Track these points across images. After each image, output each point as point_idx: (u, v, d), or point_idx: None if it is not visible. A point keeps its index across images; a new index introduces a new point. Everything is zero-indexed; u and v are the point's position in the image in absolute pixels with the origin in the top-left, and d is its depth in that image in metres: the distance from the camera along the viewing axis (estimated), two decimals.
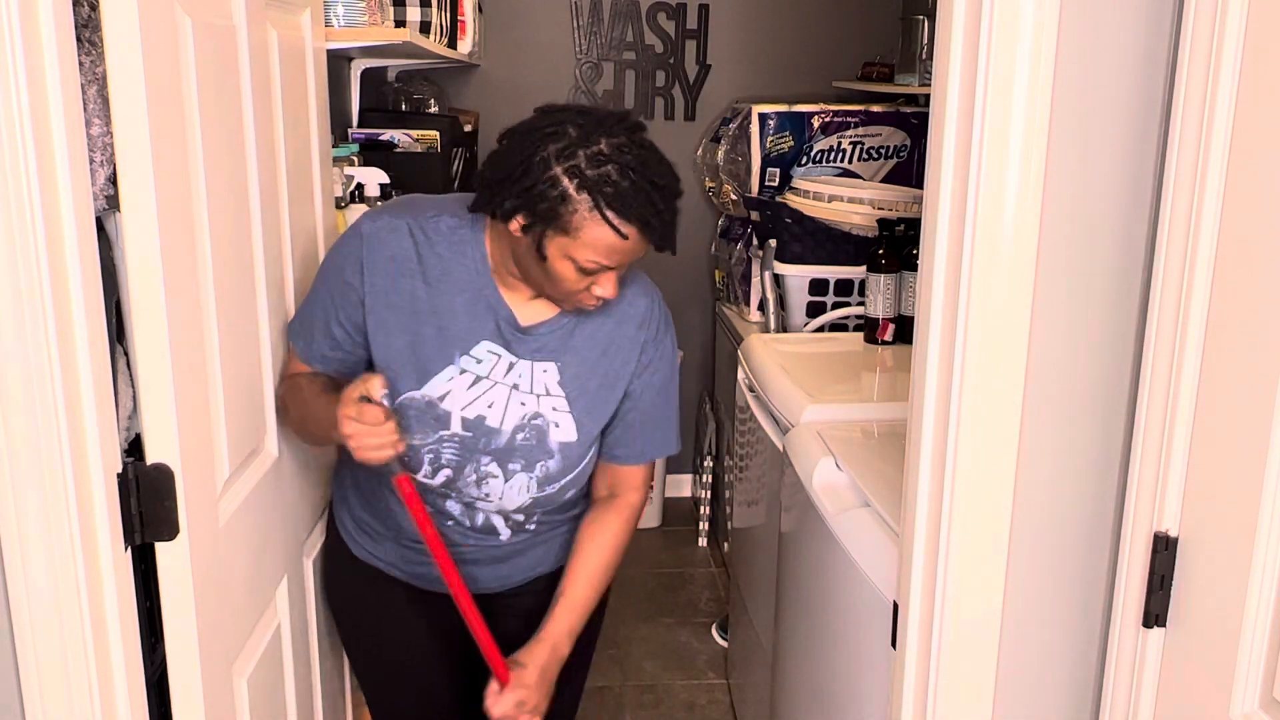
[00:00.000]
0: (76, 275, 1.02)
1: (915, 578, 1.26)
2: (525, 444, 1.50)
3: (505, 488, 1.52)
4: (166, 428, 1.14)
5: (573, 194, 1.31)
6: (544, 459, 1.52)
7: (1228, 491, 0.99)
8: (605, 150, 1.31)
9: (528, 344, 1.49)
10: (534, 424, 1.50)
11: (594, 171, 1.30)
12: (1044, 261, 1.13)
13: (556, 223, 1.32)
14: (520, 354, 1.49)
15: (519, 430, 1.50)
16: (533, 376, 1.50)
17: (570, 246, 1.34)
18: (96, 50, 1.09)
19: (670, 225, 1.36)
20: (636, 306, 1.54)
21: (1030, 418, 1.17)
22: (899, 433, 1.60)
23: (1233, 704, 0.99)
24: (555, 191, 1.31)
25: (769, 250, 2.92)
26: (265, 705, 1.46)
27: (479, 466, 1.50)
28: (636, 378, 1.55)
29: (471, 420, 1.48)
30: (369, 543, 1.64)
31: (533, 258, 1.37)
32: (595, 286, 1.39)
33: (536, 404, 1.50)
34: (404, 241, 1.45)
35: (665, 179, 1.35)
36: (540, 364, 1.50)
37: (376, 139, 2.46)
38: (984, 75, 1.09)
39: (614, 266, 1.37)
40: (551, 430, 1.51)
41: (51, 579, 1.05)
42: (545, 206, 1.32)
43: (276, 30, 1.49)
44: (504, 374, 1.49)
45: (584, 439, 1.53)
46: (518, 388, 1.49)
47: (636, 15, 3.67)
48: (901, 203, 2.84)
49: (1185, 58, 1.02)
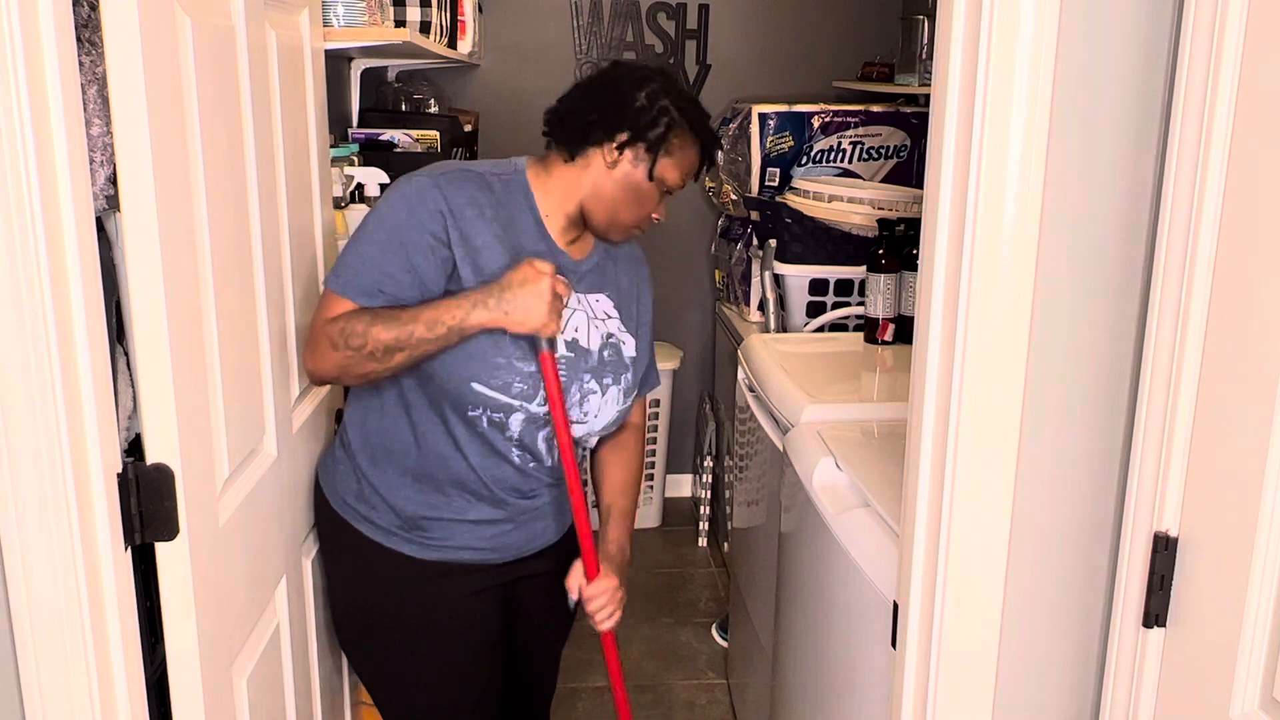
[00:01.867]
0: (76, 275, 1.02)
1: (915, 578, 1.26)
2: (611, 359, 1.69)
3: (602, 402, 1.68)
4: (166, 428, 1.14)
5: (678, 119, 1.59)
6: (624, 372, 1.71)
7: (1228, 491, 0.99)
8: (683, 89, 1.64)
9: (581, 277, 1.68)
10: (611, 342, 1.70)
11: (685, 104, 1.60)
12: (1044, 261, 1.13)
13: (665, 146, 1.58)
14: (578, 287, 1.67)
15: (604, 348, 1.69)
16: (591, 305, 1.69)
17: (665, 166, 1.59)
18: (96, 50, 1.09)
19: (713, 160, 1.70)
20: (634, 245, 1.80)
21: (1030, 418, 1.17)
22: (899, 433, 1.60)
23: (1232, 704, 0.99)
24: (667, 118, 1.57)
25: (769, 250, 2.92)
26: (265, 705, 1.46)
27: (582, 385, 1.65)
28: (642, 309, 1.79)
29: (570, 343, 1.64)
30: (438, 534, 1.65)
31: (628, 186, 1.59)
32: (657, 213, 1.65)
33: (606, 325, 1.70)
34: (479, 191, 1.57)
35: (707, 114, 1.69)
36: (592, 295, 1.69)
37: (376, 139, 2.46)
38: (984, 75, 1.09)
39: (680, 188, 1.65)
40: (624, 346, 1.71)
41: (51, 579, 1.05)
42: (658, 133, 1.57)
43: (276, 30, 1.49)
44: (576, 303, 1.67)
45: (641, 355, 1.75)
46: (591, 314, 1.68)
47: (636, 15, 3.67)
48: (901, 203, 2.84)
49: (1185, 58, 1.02)
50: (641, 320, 1.78)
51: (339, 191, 2.00)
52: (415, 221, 1.52)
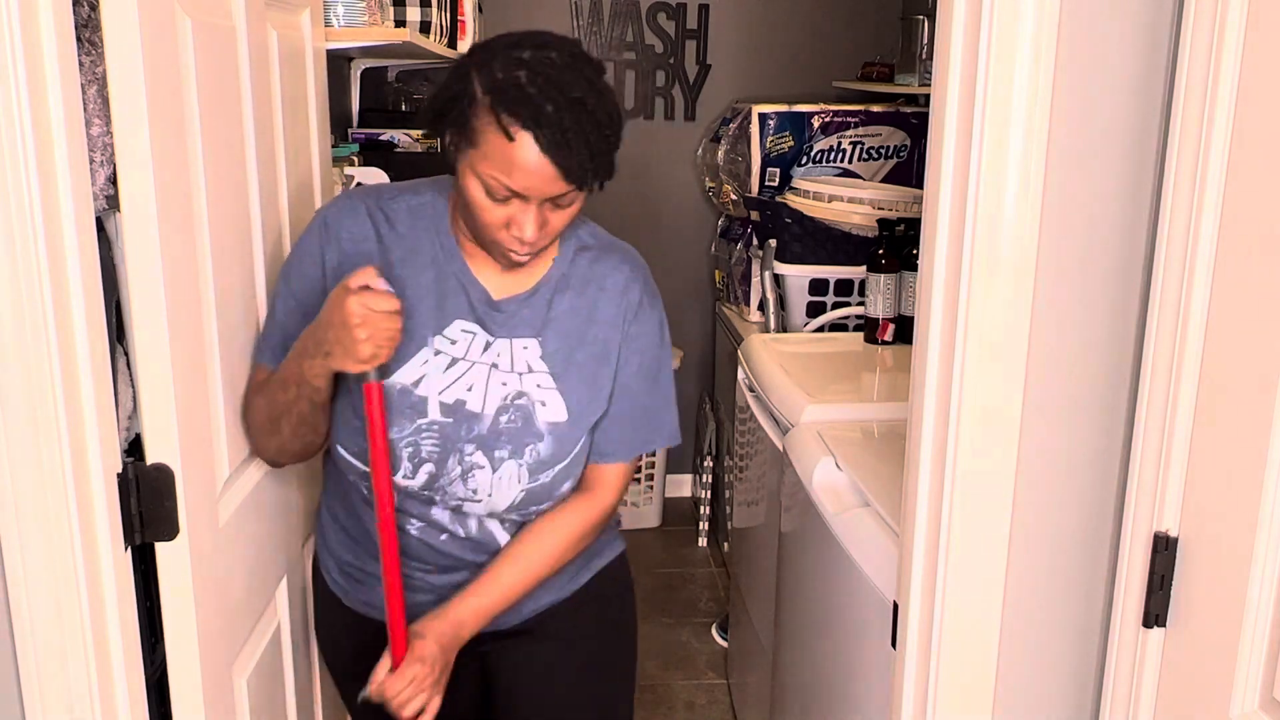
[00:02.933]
0: (76, 275, 1.02)
1: (915, 578, 1.26)
2: (510, 426, 1.39)
3: (494, 479, 1.40)
4: (166, 428, 1.14)
5: (478, 95, 1.22)
6: (533, 441, 1.40)
7: (1228, 491, 0.99)
8: (525, 58, 1.23)
9: (503, 320, 1.40)
10: (518, 404, 1.40)
11: (503, 74, 1.22)
12: (1044, 261, 1.13)
13: (465, 131, 1.24)
14: (497, 331, 1.40)
15: (502, 412, 1.39)
16: (512, 354, 1.40)
17: (476, 159, 1.24)
18: (96, 50, 1.09)
19: (573, 145, 1.21)
20: (619, 272, 1.44)
21: (1030, 418, 1.17)
22: (899, 433, 1.60)
23: (1233, 704, 0.99)
24: (465, 94, 1.23)
25: (769, 250, 2.92)
26: (265, 705, 1.46)
27: (463, 457, 1.38)
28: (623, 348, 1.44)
29: (450, 405, 1.38)
30: (360, 591, 1.50)
31: (461, 190, 1.28)
32: (512, 225, 1.27)
33: (519, 382, 1.39)
34: (363, 223, 1.38)
35: (583, 94, 1.23)
36: (520, 340, 1.40)
37: (376, 139, 2.46)
38: (984, 75, 1.09)
39: (519, 192, 1.24)
40: (538, 410, 1.40)
41: (51, 579, 1.05)
42: (456, 112, 1.24)
43: (276, 30, 1.49)
44: (481, 353, 1.39)
45: (576, 418, 1.42)
46: (497, 366, 1.39)
47: (636, 15, 3.67)
48: (901, 203, 2.84)
49: (1185, 58, 1.02)
50: (600, 371, 1.42)
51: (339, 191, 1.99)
52: (297, 256, 1.39)
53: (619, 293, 1.43)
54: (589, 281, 1.43)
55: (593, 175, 1.26)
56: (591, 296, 1.43)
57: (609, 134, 1.26)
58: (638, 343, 1.44)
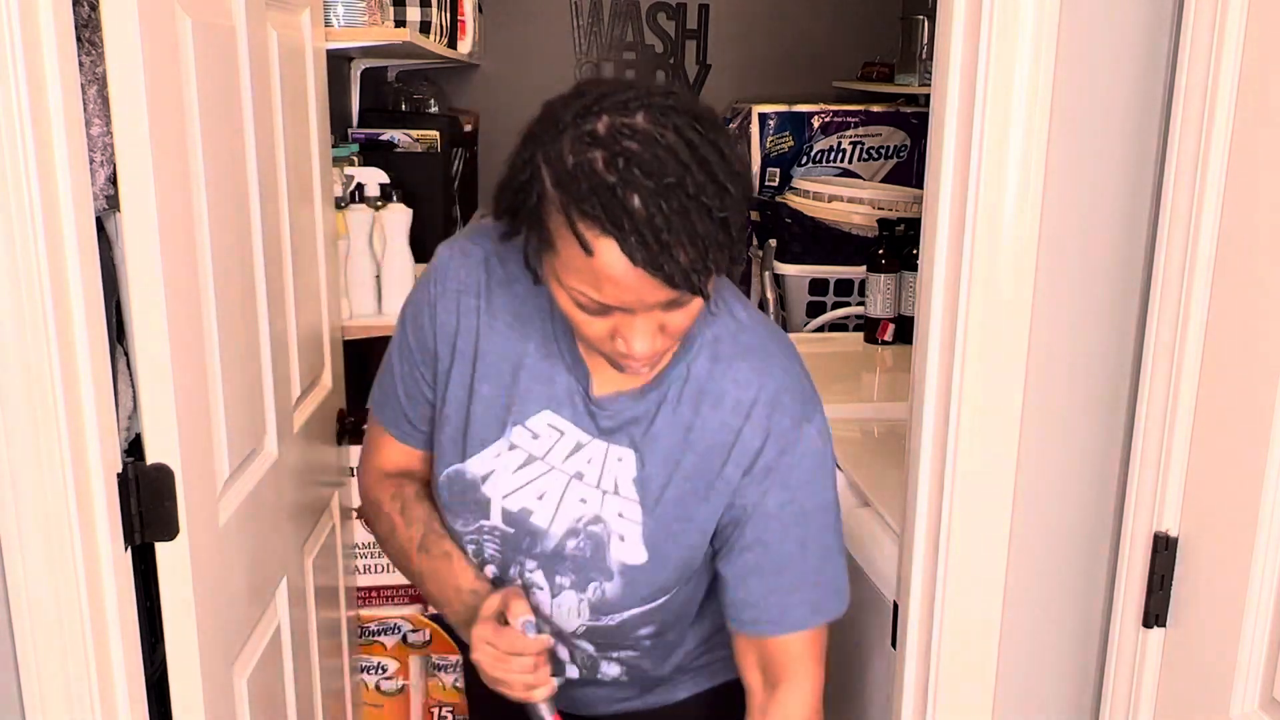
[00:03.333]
0: (76, 275, 1.02)
1: (915, 578, 1.26)
2: (578, 554, 1.16)
3: (554, 604, 1.18)
4: (166, 428, 1.13)
5: (548, 189, 0.95)
6: (599, 579, 1.16)
7: (1228, 491, 0.99)
8: (600, 131, 0.94)
9: (602, 419, 1.14)
10: (591, 530, 1.15)
11: (574, 159, 0.93)
12: (1044, 261, 1.13)
13: (542, 234, 0.98)
14: (592, 432, 1.14)
15: (571, 535, 1.15)
16: (604, 464, 1.14)
17: (559, 268, 0.98)
18: (96, 50, 1.09)
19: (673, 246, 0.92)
20: (743, 388, 1.12)
21: (1030, 418, 1.17)
22: (899, 433, 1.60)
23: (1233, 704, 0.99)
24: (533, 185, 0.96)
25: (769, 250, 2.92)
26: (265, 705, 1.46)
27: (523, 571, 1.18)
28: (743, 494, 1.13)
29: (514, 513, 1.16)
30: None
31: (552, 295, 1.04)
32: (618, 338, 1.01)
33: (600, 503, 1.14)
34: (474, 270, 1.14)
35: (679, 175, 0.92)
36: (616, 448, 1.14)
37: (376, 139, 2.46)
38: (984, 75, 1.09)
39: (614, 304, 0.97)
40: (613, 543, 1.14)
41: (51, 579, 1.05)
42: (525, 209, 0.98)
43: (276, 30, 1.49)
44: (564, 457, 1.15)
45: (657, 564, 1.14)
46: (581, 477, 1.14)
47: (636, 15, 3.67)
48: (901, 203, 2.84)
49: (1185, 58, 1.02)
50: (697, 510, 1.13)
51: (339, 191, 1.99)
52: (412, 296, 1.21)
53: (731, 410, 1.12)
54: (704, 394, 1.12)
55: (705, 275, 0.96)
56: (704, 415, 1.12)
57: (726, 216, 0.95)
58: (778, 481, 1.12)
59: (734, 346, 1.14)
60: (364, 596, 2.13)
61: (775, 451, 1.12)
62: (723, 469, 1.12)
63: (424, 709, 2.21)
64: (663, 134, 0.94)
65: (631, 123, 0.94)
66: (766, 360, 1.14)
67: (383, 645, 2.15)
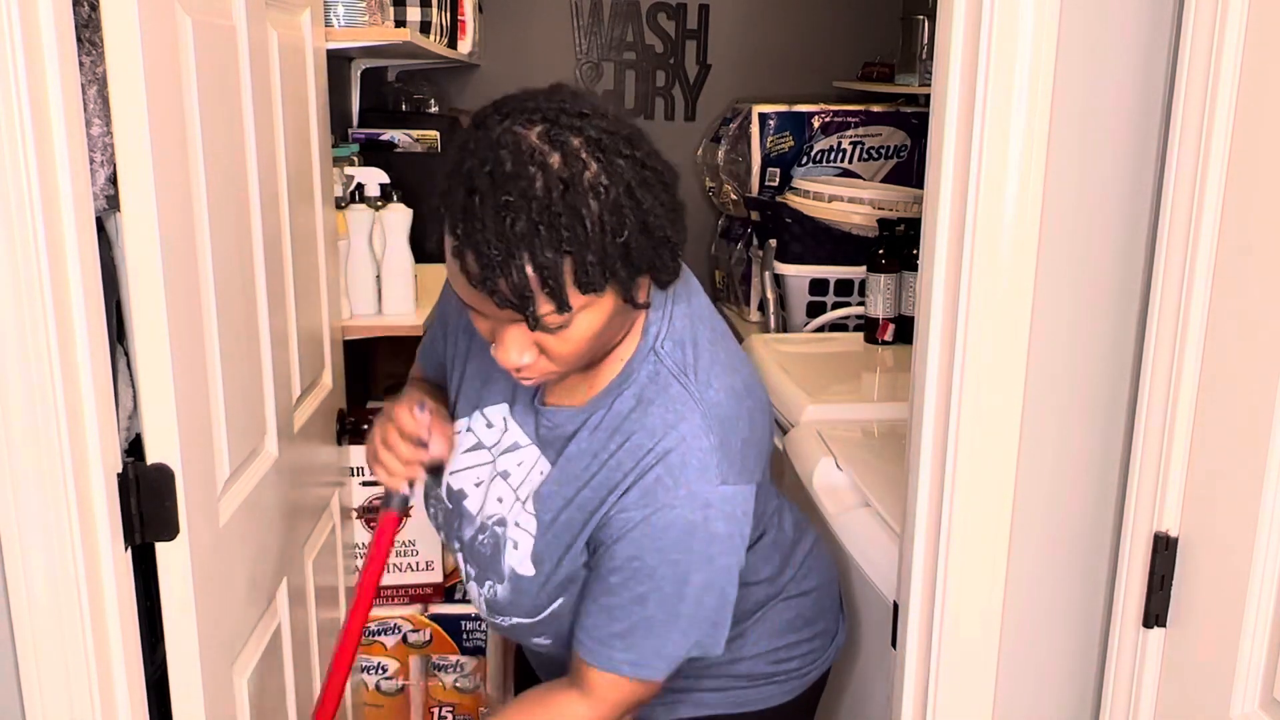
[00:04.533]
0: (76, 275, 1.02)
1: (915, 578, 1.26)
2: (480, 550, 1.20)
3: (471, 586, 1.26)
4: (166, 428, 1.14)
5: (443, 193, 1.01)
6: (493, 579, 1.20)
7: (1228, 491, 0.99)
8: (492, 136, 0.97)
9: (541, 426, 1.17)
10: (495, 530, 1.18)
11: (465, 158, 0.98)
12: (1044, 261, 1.13)
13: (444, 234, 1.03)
14: (531, 437, 1.18)
15: (481, 530, 1.20)
16: (529, 471, 1.17)
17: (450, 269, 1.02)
18: (96, 50, 1.09)
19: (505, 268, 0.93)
20: (648, 439, 1.09)
21: (1030, 418, 1.17)
22: (899, 433, 1.60)
23: (1233, 704, 0.99)
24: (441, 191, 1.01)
25: (769, 250, 2.92)
26: (265, 705, 1.46)
27: (452, 547, 1.27)
28: (604, 527, 1.11)
29: (454, 491, 1.24)
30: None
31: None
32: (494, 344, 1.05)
33: (510, 507, 1.17)
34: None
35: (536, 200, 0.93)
36: (543, 460, 1.17)
37: (376, 139, 2.46)
38: (984, 75, 1.09)
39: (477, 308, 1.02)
40: (508, 549, 1.17)
41: (51, 579, 1.05)
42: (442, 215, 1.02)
43: (276, 30, 1.49)
44: (501, 452, 1.20)
45: (541, 579, 1.16)
46: (506, 476, 1.18)
47: (636, 15, 3.67)
48: (901, 203, 2.84)
49: (1185, 58, 1.02)
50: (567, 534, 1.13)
51: (339, 191, 1.99)
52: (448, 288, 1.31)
53: (632, 457, 1.09)
54: (617, 430, 1.11)
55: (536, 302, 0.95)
56: (609, 447, 1.11)
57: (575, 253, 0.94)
58: (637, 528, 1.08)
59: (660, 393, 1.11)
60: None
61: (644, 509, 1.08)
62: (601, 506, 1.11)
63: (424, 709, 2.21)
64: (544, 152, 0.95)
65: (520, 134, 0.96)
66: (684, 419, 1.10)
67: (383, 645, 2.15)
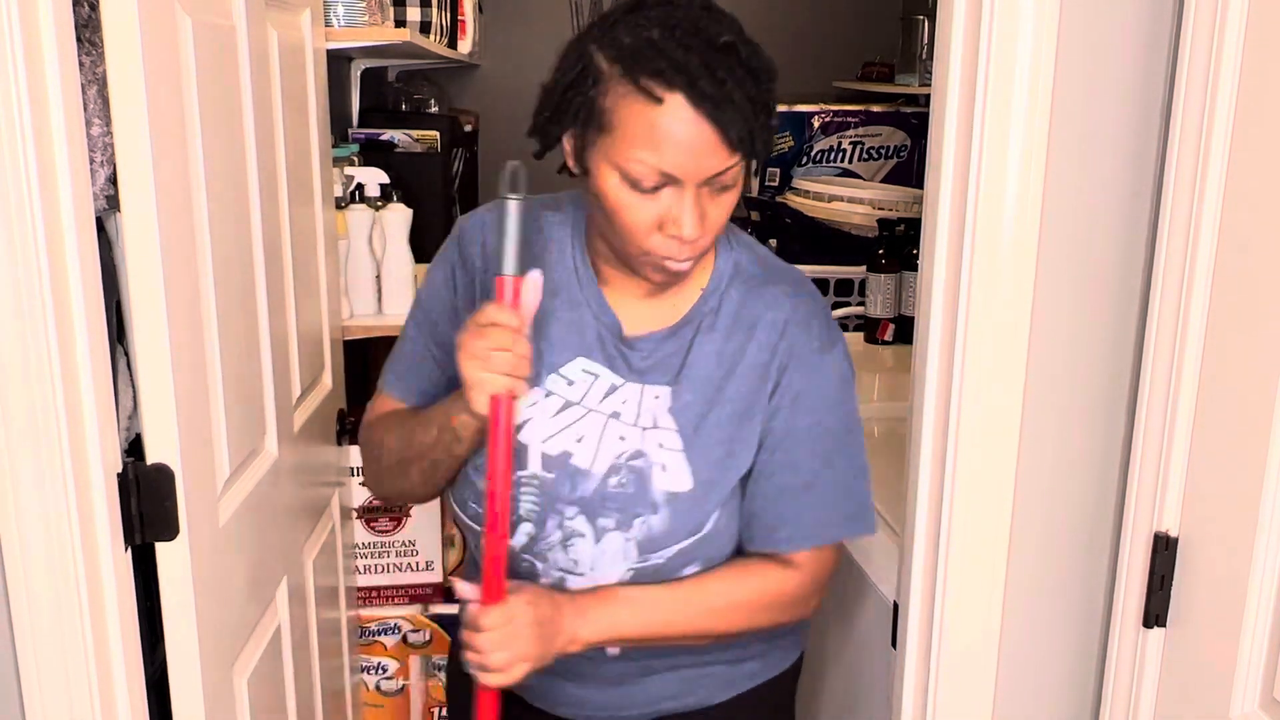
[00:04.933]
0: (76, 275, 1.02)
1: (915, 578, 1.26)
2: (620, 492, 1.16)
3: (596, 553, 1.16)
4: (166, 428, 1.14)
5: (604, 69, 1.03)
6: (644, 513, 1.16)
7: (1228, 491, 0.99)
8: (651, 15, 1.04)
9: (635, 360, 1.18)
10: (633, 465, 1.16)
11: (631, 39, 1.03)
12: (1044, 261, 1.13)
13: (593, 117, 1.04)
14: (625, 374, 1.18)
15: (613, 472, 1.16)
16: (640, 403, 1.17)
17: (613, 147, 1.03)
18: (96, 50, 1.09)
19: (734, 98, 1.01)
20: (776, 309, 1.17)
21: (1030, 418, 1.17)
22: (899, 433, 1.60)
23: (1233, 704, 0.99)
24: (588, 74, 1.04)
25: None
26: (265, 705, 1.46)
27: (563, 521, 1.17)
28: (775, 416, 1.17)
29: (554, 457, 1.17)
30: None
31: (594, 191, 1.08)
32: (667, 224, 1.06)
33: (640, 439, 1.16)
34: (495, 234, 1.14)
35: (733, 38, 1.03)
36: (652, 387, 1.17)
37: (376, 139, 2.46)
38: (984, 75, 1.09)
39: (672, 173, 1.03)
40: (655, 475, 1.16)
41: (51, 579, 1.05)
42: (579, 100, 1.04)
43: (276, 30, 1.49)
44: (600, 399, 1.17)
45: (702, 491, 1.16)
46: (618, 416, 1.17)
47: None
48: (901, 203, 2.84)
49: (1185, 58, 1.02)
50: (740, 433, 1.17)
51: (339, 191, 2.00)
52: (430, 271, 1.25)
53: (772, 333, 1.17)
54: (739, 321, 1.18)
55: (758, 138, 1.04)
56: (740, 341, 1.17)
57: (767, 89, 1.05)
58: (805, 393, 1.17)
59: (761, 272, 1.21)
60: (364, 596, 2.13)
61: (799, 372, 1.17)
62: (762, 385, 1.17)
63: (424, 709, 2.21)
64: (708, 12, 1.06)
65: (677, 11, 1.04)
66: (795, 285, 1.22)
67: (383, 645, 2.15)
